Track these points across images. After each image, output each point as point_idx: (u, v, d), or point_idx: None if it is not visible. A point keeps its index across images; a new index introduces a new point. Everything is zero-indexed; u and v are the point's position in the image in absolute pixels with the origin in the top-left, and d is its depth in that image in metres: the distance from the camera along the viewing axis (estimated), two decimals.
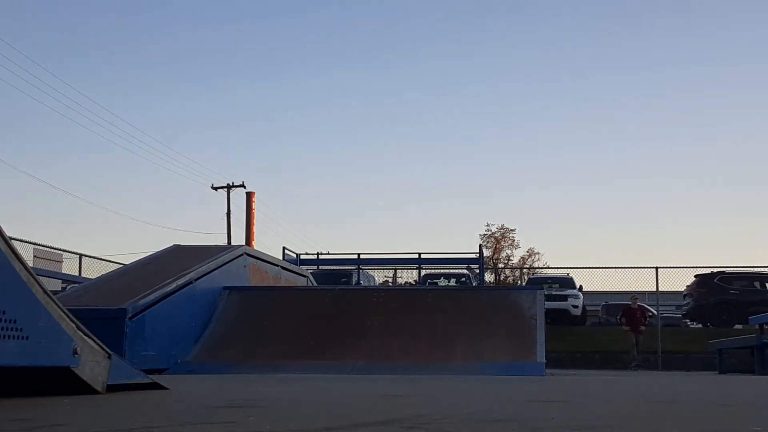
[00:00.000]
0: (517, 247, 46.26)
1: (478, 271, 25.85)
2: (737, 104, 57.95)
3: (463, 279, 25.94)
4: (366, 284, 22.86)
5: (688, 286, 23.78)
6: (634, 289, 21.78)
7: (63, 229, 55.82)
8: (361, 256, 26.09)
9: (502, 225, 46.01)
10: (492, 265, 40.29)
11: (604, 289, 24.16)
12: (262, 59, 60.99)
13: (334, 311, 8.27)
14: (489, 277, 32.11)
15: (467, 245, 73.73)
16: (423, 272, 26.03)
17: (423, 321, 7.96)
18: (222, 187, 37.67)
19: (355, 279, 24.80)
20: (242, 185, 36.88)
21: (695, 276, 23.38)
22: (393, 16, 59.24)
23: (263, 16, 58.93)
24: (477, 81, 59.85)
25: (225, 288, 8.24)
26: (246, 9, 58.25)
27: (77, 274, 19.81)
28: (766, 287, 23.16)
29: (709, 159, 60.22)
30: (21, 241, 17.32)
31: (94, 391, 2.88)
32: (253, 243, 30.15)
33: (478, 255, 26.39)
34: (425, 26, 58.99)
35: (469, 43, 59.06)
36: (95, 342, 2.93)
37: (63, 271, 20.83)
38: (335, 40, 60.26)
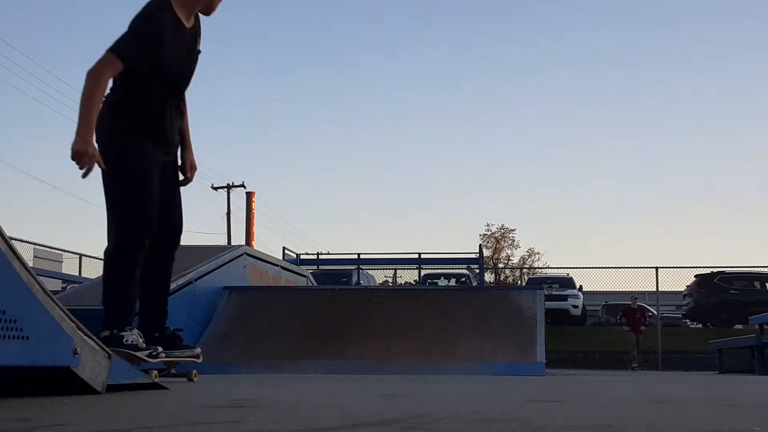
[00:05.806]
0: (517, 247, 46.34)
1: (478, 271, 25.84)
2: (737, 103, 57.92)
3: (463, 279, 25.95)
4: (366, 284, 22.83)
5: (688, 286, 23.80)
6: (634, 289, 21.80)
7: (63, 229, 55.82)
8: (361, 256, 26.09)
9: (502, 225, 46.11)
10: (492, 265, 40.32)
11: (604, 289, 24.20)
12: (261, 58, 60.93)
13: (334, 311, 8.27)
14: (489, 277, 32.11)
15: (467, 245, 73.73)
16: (423, 272, 26.04)
17: (423, 321, 7.96)
18: (222, 187, 37.66)
19: (355, 279, 24.79)
20: (242, 185, 36.87)
21: (695, 276, 23.39)
22: (391, 10, 59.19)
23: (262, 15, 58.90)
24: (477, 79, 59.81)
25: (225, 288, 8.24)
26: (243, 8, 58.19)
27: (77, 274, 19.83)
28: (766, 287, 23.18)
29: (709, 159, 60.20)
30: (21, 241, 17.33)
31: (94, 391, 2.88)
32: (253, 243, 30.16)
33: (478, 255, 26.39)
34: (424, 21, 58.97)
35: (470, 41, 59.01)
36: (95, 342, 2.93)
37: (63, 271, 20.84)
38: (334, 37, 60.24)
